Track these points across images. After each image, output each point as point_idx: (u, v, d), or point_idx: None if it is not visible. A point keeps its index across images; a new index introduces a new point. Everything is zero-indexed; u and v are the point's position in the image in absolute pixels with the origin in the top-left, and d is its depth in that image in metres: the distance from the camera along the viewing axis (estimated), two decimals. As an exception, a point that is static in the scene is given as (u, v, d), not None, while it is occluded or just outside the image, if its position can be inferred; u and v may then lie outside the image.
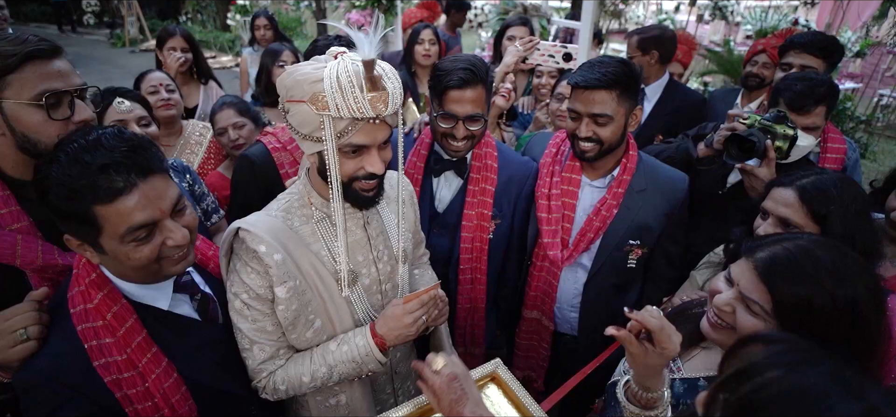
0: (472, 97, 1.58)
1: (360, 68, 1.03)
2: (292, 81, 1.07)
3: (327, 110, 1.04)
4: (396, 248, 1.36)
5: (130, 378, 1.05)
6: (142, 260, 1.02)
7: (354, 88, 1.02)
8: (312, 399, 1.36)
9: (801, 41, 2.24)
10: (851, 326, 0.91)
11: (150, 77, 2.35)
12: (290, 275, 1.19)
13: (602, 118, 1.59)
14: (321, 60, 1.09)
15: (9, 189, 1.18)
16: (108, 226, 0.98)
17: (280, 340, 1.25)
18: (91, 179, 0.94)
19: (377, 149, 1.14)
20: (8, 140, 1.13)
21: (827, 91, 1.77)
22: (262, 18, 4.07)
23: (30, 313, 1.05)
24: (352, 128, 1.08)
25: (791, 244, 0.98)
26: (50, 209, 0.98)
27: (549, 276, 1.84)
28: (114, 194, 0.96)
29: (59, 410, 1.00)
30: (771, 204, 1.36)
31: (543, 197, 1.79)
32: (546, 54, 2.43)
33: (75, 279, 1.08)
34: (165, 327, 1.13)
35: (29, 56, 1.09)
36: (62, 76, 1.14)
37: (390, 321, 1.23)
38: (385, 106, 1.06)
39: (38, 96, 1.10)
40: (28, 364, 1.03)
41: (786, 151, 1.68)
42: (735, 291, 1.01)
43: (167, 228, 1.04)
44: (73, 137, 0.99)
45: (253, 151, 1.87)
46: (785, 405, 0.47)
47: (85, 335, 1.03)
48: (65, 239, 1.03)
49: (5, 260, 1.15)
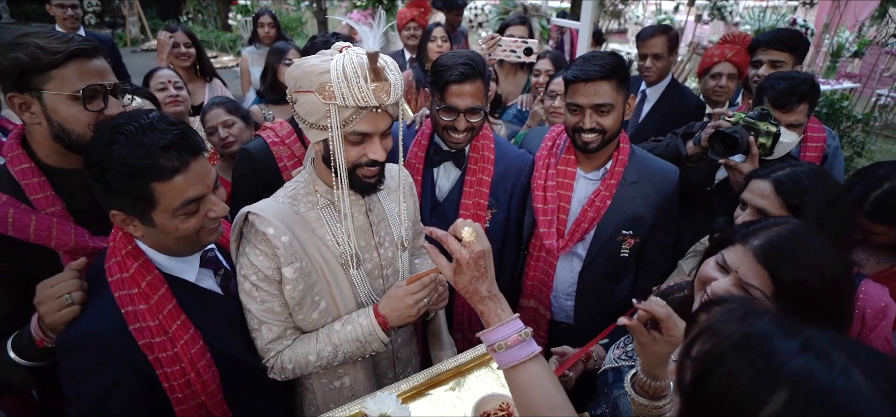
0: (472, 91, 1.64)
1: (364, 60, 1.10)
2: (300, 72, 1.13)
3: (333, 100, 1.10)
4: (397, 235, 1.41)
5: (161, 343, 1.13)
6: (189, 231, 1.13)
7: (359, 78, 1.09)
8: (317, 382, 1.41)
9: (765, 39, 2.37)
10: (832, 303, 0.96)
11: (159, 74, 2.41)
12: (297, 256, 1.25)
13: (605, 107, 1.65)
14: (327, 54, 1.15)
15: (44, 176, 1.27)
16: (163, 201, 1.08)
17: (287, 320, 1.31)
18: (153, 159, 1.03)
19: (379, 137, 1.20)
20: (43, 129, 1.23)
21: (809, 89, 1.84)
22: (265, 16, 4.10)
23: (73, 280, 1.13)
24: (356, 117, 1.14)
25: (782, 229, 1.02)
26: (103, 187, 1.06)
27: (546, 265, 1.89)
28: (172, 172, 1.06)
29: (98, 369, 1.08)
30: (749, 195, 1.42)
31: (539, 188, 1.85)
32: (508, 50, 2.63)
33: (111, 251, 1.15)
34: (192, 298, 1.22)
35: (73, 54, 1.20)
36: (99, 73, 1.25)
37: (393, 302, 1.28)
38: (387, 95, 1.13)
39: (78, 91, 1.20)
40: (71, 327, 1.11)
41: (769, 148, 1.74)
42: (733, 277, 1.02)
43: (210, 201, 1.16)
44: (124, 121, 1.07)
45: (252, 145, 1.92)
46: (739, 350, 0.55)
47: (122, 301, 1.11)
48: (111, 215, 1.10)
49: (41, 241, 1.24)
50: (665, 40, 2.80)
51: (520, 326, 0.99)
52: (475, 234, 1.01)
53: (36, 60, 1.17)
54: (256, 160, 1.86)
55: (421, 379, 1.34)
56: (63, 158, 1.29)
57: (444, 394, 1.33)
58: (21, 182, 1.24)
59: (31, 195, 1.25)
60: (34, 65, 1.17)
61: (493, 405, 1.22)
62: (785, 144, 1.79)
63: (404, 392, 1.31)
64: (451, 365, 1.37)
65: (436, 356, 1.59)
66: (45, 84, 1.19)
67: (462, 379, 1.37)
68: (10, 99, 1.20)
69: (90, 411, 1.08)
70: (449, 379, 1.37)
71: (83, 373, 1.08)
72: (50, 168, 1.29)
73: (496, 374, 1.37)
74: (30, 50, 1.17)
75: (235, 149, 2.17)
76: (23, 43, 1.18)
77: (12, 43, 1.19)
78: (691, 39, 8.48)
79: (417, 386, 1.34)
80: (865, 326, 1.30)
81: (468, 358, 1.39)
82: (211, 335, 1.22)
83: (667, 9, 9.85)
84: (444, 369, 1.36)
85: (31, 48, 1.17)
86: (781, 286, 0.97)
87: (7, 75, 1.18)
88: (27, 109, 1.21)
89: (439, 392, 1.34)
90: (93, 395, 1.08)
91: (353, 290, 1.35)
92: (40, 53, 1.17)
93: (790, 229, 1.02)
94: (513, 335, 0.98)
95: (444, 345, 1.60)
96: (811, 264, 0.96)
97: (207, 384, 1.20)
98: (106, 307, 1.12)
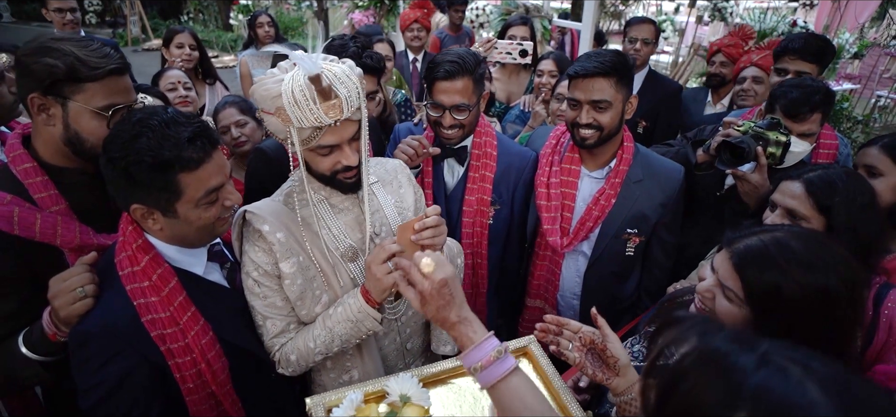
0: (457, 88, 1.66)
1: (309, 83, 1.10)
2: (259, 96, 1.16)
3: (291, 123, 1.13)
4: (394, 225, 1.44)
5: (173, 334, 1.16)
6: (209, 219, 1.17)
7: (308, 101, 1.10)
8: (326, 376, 1.44)
9: (795, 47, 2.25)
10: (823, 315, 0.93)
11: (169, 75, 2.43)
12: (293, 252, 1.28)
13: (602, 104, 1.67)
14: (279, 74, 1.15)
15: (47, 175, 1.28)
16: (188, 191, 1.11)
17: (290, 314, 1.34)
18: (180, 150, 1.07)
19: (347, 144, 1.22)
20: (56, 132, 1.24)
21: (822, 98, 1.79)
22: (264, 16, 4.08)
23: (85, 273, 1.15)
24: (317, 133, 1.17)
25: (767, 236, 1.01)
26: (127, 182, 1.07)
27: (552, 264, 1.91)
28: (197, 163, 1.11)
29: (113, 360, 1.10)
30: (779, 196, 1.41)
31: (543, 186, 1.87)
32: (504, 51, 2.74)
33: (121, 246, 1.17)
34: (200, 290, 1.24)
35: (110, 72, 1.22)
36: (125, 92, 1.29)
37: (367, 273, 1.27)
38: (340, 112, 1.14)
39: (106, 108, 1.23)
40: (85, 319, 1.13)
41: (779, 157, 1.74)
42: (714, 278, 1.06)
43: (227, 190, 1.21)
44: (146, 116, 1.09)
45: (267, 144, 1.95)
46: (698, 369, 0.57)
47: (133, 293, 1.13)
48: (132, 209, 1.12)
49: (46, 240, 1.25)
50: (653, 28, 3.18)
51: (494, 344, 1.00)
52: (433, 264, 1.02)
53: (73, 71, 1.18)
54: (271, 160, 1.88)
55: (446, 366, 1.35)
56: (66, 158, 1.30)
57: (467, 385, 1.33)
58: (24, 181, 1.25)
59: (35, 194, 1.25)
60: (70, 75, 1.18)
61: None
62: (796, 153, 1.79)
63: (427, 377, 1.32)
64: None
65: (435, 330, 1.56)
66: (75, 95, 1.21)
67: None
68: (32, 99, 1.20)
69: (104, 401, 1.10)
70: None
71: (98, 364, 1.10)
72: (52, 167, 1.30)
73: (531, 368, 1.37)
74: (69, 60, 1.17)
75: (248, 149, 2.19)
76: (59, 49, 1.17)
77: (43, 47, 1.18)
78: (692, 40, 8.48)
79: (440, 373, 1.34)
80: (892, 336, 1.26)
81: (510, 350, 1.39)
82: (219, 326, 1.25)
83: (667, 10, 9.85)
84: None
85: (70, 58, 1.17)
86: (751, 291, 0.98)
87: (37, 79, 1.18)
88: (45, 111, 1.22)
89: (462, 383, 1.34)
90: (107, 385, 1.10)
91: (354, 282, 1.37)
92: (79, 65, 1.18)
93: (776, 236, 1.00)
94: (487, 354, 0.98)
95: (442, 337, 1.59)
96: (784, 270, 0.93)
97: (217, 374, 1.22)
98: (118, 299, 1.14)
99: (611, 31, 9.13)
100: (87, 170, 1.33)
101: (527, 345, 1.42)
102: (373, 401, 1.24)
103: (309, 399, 1.24)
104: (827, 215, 1.31)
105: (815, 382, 0.51)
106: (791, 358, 0.54)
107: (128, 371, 1.12)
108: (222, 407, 1.27)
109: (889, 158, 1.55)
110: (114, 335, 1.11)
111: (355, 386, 1.27)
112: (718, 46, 3.12)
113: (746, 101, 2.69)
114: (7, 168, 1.28)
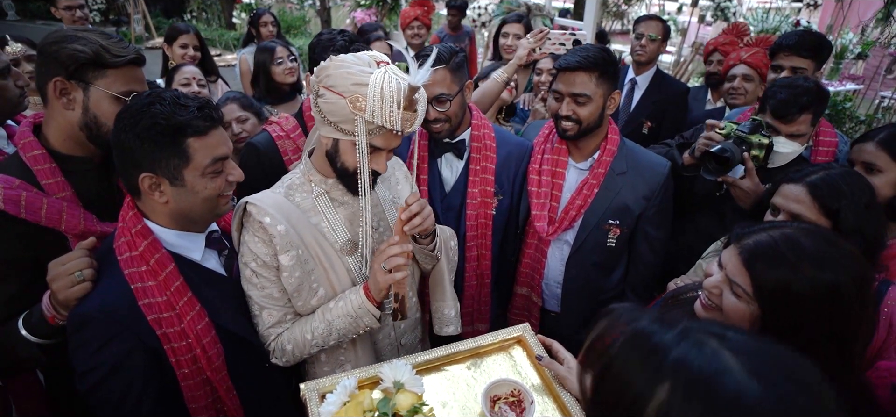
0: (436, 79, 1.66)
1: (404, 87, 1.13)
2: (338, 73, 1.16)
3: (363, 113, 1.14)
4: (392, 219, 1.45)
5: (169, 318, 1.17)
6: (213, 191, 1.20)
7: (394, 103, 1.13)
8: (320, 369, 1.45)
9: (788, 43, 2.24)
10: (832, 312, 0.92)
11: (184, 70, 2.46)
12: (293, 244, 1.29)
13: (581, 98, 1.70)
14: (363, 62, 1.17)
15: (54, 162, 1.32)
16: (197, 157, 1.15)
17: (286, 305, 1.35)
18: (190, 116, 1.14)
19: (386, 153, 1.26)
20: (74, 116, 1.30)
21: (811, 99, 1.77)
22: (267, 15, 4.07)
23: (83, 258, 1.18)
24: (375, 132, 1.19)
25: (776, 232, 1.00)
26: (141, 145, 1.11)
27: (538, 252, 1.94)
28: (206, 129, 1.17)
29: (110, 342, 1.12)
30: (781, 200, 1.38)
31: (534, 172, 1.91)
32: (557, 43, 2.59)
33: (121, 231, 1.20)
34: (198, 276, 1.26)
35: (131, 61, 1.31)
36: (142, 82, 1.38)
37: (371, 274, 1.30)
38: (411, 125, 1.19)
39: (126, 93, 1.30)
40: (83, 302, 1.15)
41: (762, 159, 1.74)
42: (722, 274, 1.05)
43: (230, 165, 1.26)
44: (158, 93, 1.16)
45: (258, 139, 1.96)
46: (627, 349, 0.61)
47: (131, 277, 1.15)
48: (140, 179, 1.15)
49: (51, 224, 1.28)
50: (660, 25, 3.12)
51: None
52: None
53: (98, 56, 1.27)
54: (262, 154, 1.90)
55: (440, 353, 1.36)
56: (76, 145, 1.34)
57: (460, 372, 1.35)
58: (33, 168, 1.29)
59: (43, 180, 1.29)
60: (96, 60, 1.26)
61: (504, 390, 1.24)
62: (783, 153, 1.78)
63: (421, 364, 1.33)
64: (471, 346, 1.39)
65: (436, 308, 1.59)
66: (98, 79, 1.29)
67: (480, 360, 1.38)
68: (55, 83, 1.27)
69: (101, 383, 1.12)
70: (467, 358, 1.39)
71: (95, 346, 1.11)
72: (60, 155, 1.34)
73: (513, 360, 1.38)
74: (94, 47, 1.27)
75: None
76: (84, 38, 1.27)
77: (68, 35, 1.28)
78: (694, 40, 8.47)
79: (434, 360, 1.35)
80: (892, 333, 1.25)
81: (488, 341, 1.40)
82: (215, 312, 1.26)
83: (670, 9, 9.85)
84: (464, 348, 1.38)
85: (95, 45, 1.27)
86: (760, 287, 0.97)
87: (63, 64, 1.25)
88: (66, 95, 1.28)
89: (456, 369, 1.35)
90: (104, 368, 1.11)
91: (350, 276, 1.38)
92: (104, 52, 1.28)
93: (786, 232, 0.99)
94: None
95: (446, 297, 1.60)
96: (795, 267, 0.93)
97: (212, 360, 1.23)
98: (116, 283, 1.16)
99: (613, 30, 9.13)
100: (93, 159, 1.39)
101: (521, 333, 1.43)
102: (367, 387, 1.26)
103: (303, 385, 1.25)
104: (833, 218, 1.29)
105: (729, 349, 0.54)
106: (707, 331, 0.57)
107: (125, 353, 1.13)
108: (217, 394, 1.28)
109: (887, 154, 1.54)
110: (111, 318, 1.13)
111: (349, 373, 1.28)
112: (714, 45, 3.15)
113: (737, 99, 2.68)
114: (17, 156, 1.32)
